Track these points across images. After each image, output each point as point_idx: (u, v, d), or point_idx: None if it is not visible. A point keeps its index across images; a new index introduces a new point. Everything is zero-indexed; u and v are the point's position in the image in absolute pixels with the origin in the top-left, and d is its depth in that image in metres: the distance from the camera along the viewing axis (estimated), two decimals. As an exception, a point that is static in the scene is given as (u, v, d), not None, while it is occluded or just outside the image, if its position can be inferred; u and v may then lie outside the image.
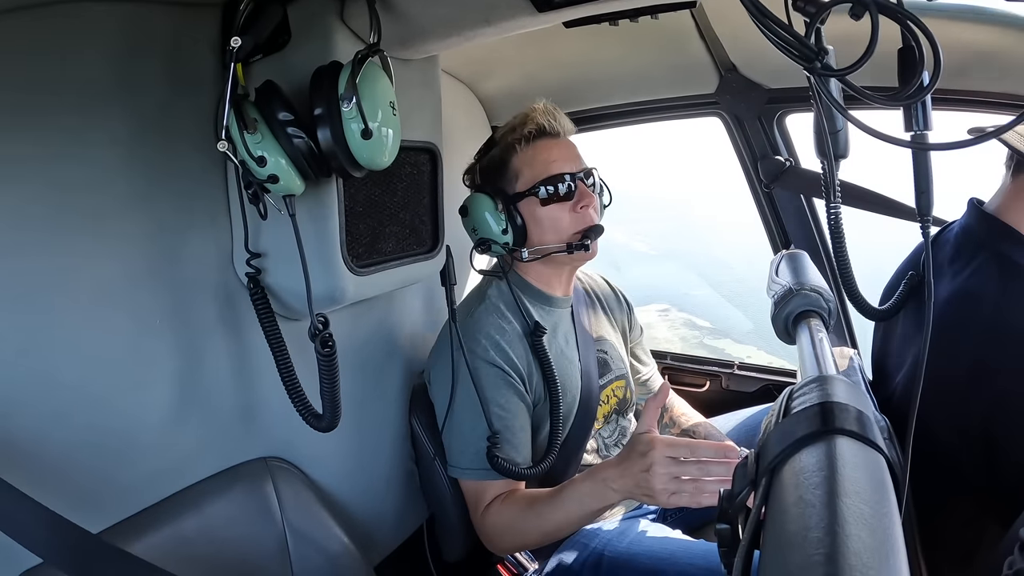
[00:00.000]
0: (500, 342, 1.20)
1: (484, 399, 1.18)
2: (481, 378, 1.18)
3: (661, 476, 0.95)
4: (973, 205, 1.15)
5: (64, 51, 0.75)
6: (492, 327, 1.22)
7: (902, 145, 0.69)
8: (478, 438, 1.17)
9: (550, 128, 1.23)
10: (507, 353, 1.20)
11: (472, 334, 1.21)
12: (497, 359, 1.19)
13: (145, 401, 0.87)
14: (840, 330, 1.73)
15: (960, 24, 1.11)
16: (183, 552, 0.87)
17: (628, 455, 1.01)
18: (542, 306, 1.30)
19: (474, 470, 1.19)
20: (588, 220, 1.24)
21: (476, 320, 1.23)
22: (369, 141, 0.81)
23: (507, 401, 1.19)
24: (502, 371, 1.19)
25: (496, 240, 1.23)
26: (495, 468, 1.14)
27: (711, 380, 1.94)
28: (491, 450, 1.15)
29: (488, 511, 1.19)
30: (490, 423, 1.17)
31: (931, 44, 0.61)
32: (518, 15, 0.86)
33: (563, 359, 1.28)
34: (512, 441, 1.19)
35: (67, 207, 0.77)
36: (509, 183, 1.24)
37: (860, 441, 0.49)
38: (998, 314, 0.96)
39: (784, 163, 1.61)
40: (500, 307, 1.25)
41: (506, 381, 1.19)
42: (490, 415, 1.17)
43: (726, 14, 1.30)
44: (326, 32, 0.89)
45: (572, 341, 1.32)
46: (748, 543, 0.49)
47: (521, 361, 1.21)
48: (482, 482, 1.19)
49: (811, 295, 0.93)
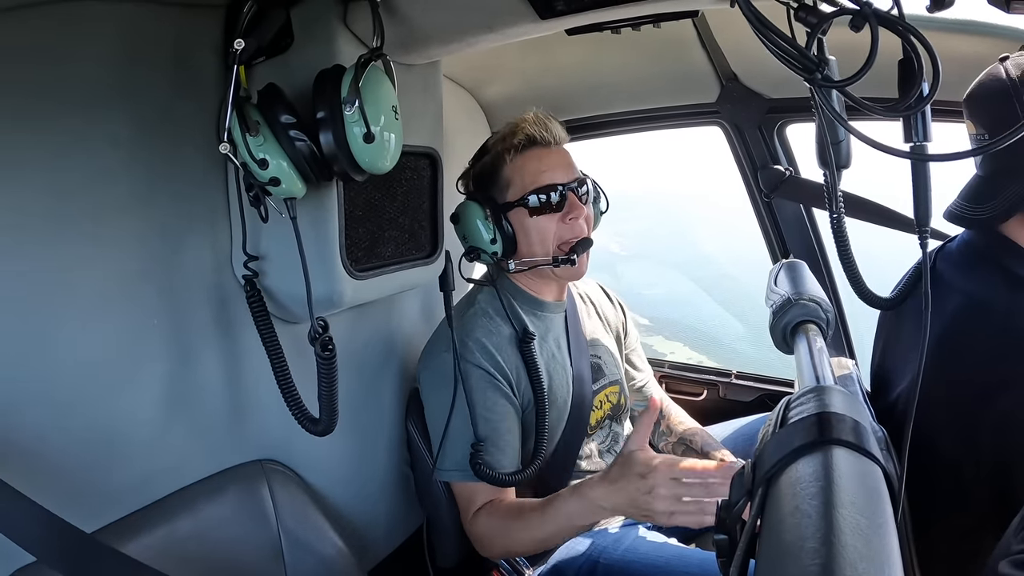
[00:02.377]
0: (488, 346, 1.20)
1: (471, 402, 1.17)
2: (469, 381, 1.18)
3: (664, 498, 0.93)
4: None
5: (66, 51, 0.75)
6: (480, 331, 1.22)
7: (901, 156, 0.69)
8: (465, 442, 1.17)
9: (540, 138, 1.22)
10: (495, 357, 1.20)
11: (461, 338, 1.21)
12: (484, 362, 1.19)
13: (141, 402, 0.87)
14: (838, 341, 1.73)
15: (959, 36, 1.12)
16: (177, 553, 0.87)
17: (623, 475, 0.98)
18: (533, 311, 1.30)
19: (459, 471, 1.18)
20: (577, 232, 1.23)
21: (465, 324, 1.23)
22: (371, 145, 0.81)
23: (494, 404, 1.19)
24: (488, 374, 1.19)
25: (484, 249, 1.22)
26: (477, 474, 1.14)
27: (708, 389, 1.94)
28: (474, 456, 1.15)
29: (477, 516, 1.19)
30: (476, 427, 1.17)
31: (930, 56, 0.61)
32: (520, 22, 0.87)
33: (554, 363, 1.28)
34: (499, 444, 1.18)
35: (67, 208, 0.77)
36: (500, 192, 1.24)
37: (857, 452, 0.49)
38: (1007, 326, 0.96)
39: (784, 173, 1.62)
40: (489, 312, 1.25)
41: (493, 384, 1.19)
42: (476, 419, 1.17)
43: (728, 24, 1.31)
44: (329, 35, 0.90)
45: (564, 346, 1.32)
46: (744, 553, 0.49)
47: (510, 365, 1.21)
48: (469, 484, 1.19)
49: (809, 305, 0.93)
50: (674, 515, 0.94)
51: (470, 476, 1.16)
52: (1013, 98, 0.91)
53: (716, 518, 0.53)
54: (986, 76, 0.96)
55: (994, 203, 0.97)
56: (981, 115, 0.97)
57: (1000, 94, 0.92)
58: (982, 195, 1.00)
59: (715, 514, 0.53)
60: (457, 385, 1.18)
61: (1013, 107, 0.91)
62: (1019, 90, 0.91)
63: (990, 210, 0.98)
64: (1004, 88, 0.92)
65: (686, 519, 0.94)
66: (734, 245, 9.42)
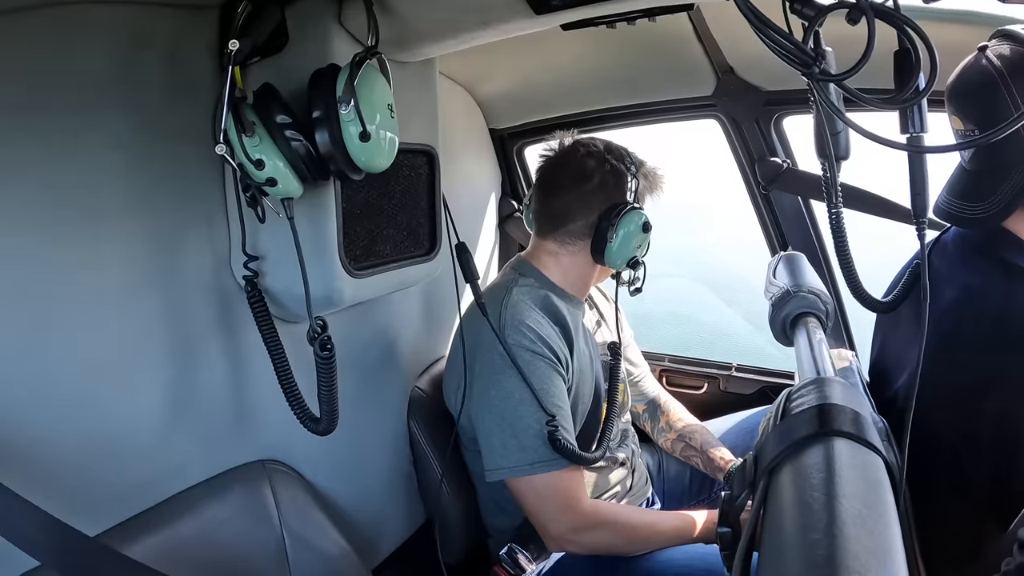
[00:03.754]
0: (541, 333, 1.17)
1: (538, 390, 1.13)
2: (530, 367, 1.14)
3: None
4: None
5: (62, 55, 0.75)
6: (530, 319, 1.18)
7: (898, 147, 0.69)
8: (541, 428, 1.13)
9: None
10: (548, 343, 1.17)
11: (515, 326, 1.17)
12: (543, 348, 1.16)
13: (142, 404, 0.87)
14: (838, 332, 1.73)
15: (955, 27, 1.11)
16: (180, 555, 0.87)
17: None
18: (564, 304, 1.27)
19: (544, 463, 1.13)
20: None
21: (512, 314, 1.19)
22: (367, 144, 0.81)
23: (560, 390, 1.17)
24: (547, 360, 1.16)
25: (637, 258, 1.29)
26: (556, 449, 1.10)
27: (709, 382, 1.94)
28: (552, 433, 1.11)
29: (596, 502, 1.21)
30: (545, 409, 1.13)
31: (927, 47, 0.61)
32: (515, 18, 0.86)
33: (584, 357, 1.27)
34: (566, 425, 1.16)
35: (65, 209, 0.77)
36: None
37: (858, 443, 0.49)
38: (1004, 317, 0.96)
39: (782, 165, 1.61)
40: (529, 303, 1.21)
41: (554, 369, 1.17)
42: (546, 404, 1.13)
43: (723, 16, 1.31)
44: (324, 34, 0.89)
45: (590, 341, 1.32)
46: (746, 544, 0.49)
47: (561, 353, 1.19)
48: (557, 473, 1.13)
49: (809, 297, 0.93)
50: None
51: (556, 464, 1.12)
52: (1002, 88, 0.90)
53: (720, 511, 0.53)
54: (969, 69, 0.95)
55: (992, 201, 0.96)
56: (969, 109, 0.95)
57: (987, 86, 0.91)
58: (975, 192, 0.98)
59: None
60: (514, 376, 1.14)
61: (1003, 98, 0.89)
62: (1007, 80, 0.90)
63: (988, 209, 0.96)
64: (991, 79, 0.91)
65: None
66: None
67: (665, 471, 1.56)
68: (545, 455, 1.11)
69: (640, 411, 1.57)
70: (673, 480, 1.55)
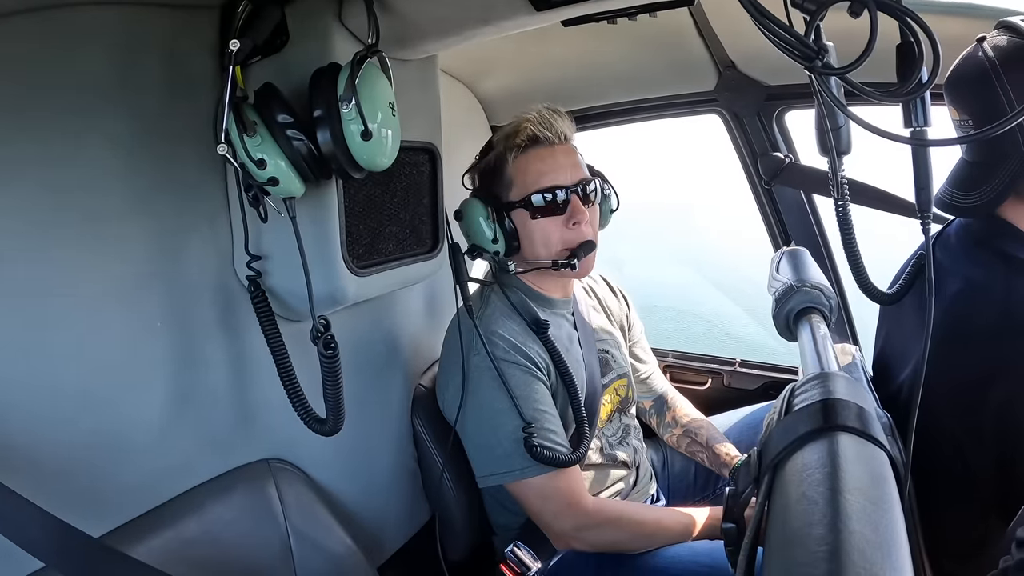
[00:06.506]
0: (514, 340, 1.18)
1: (517, 396, 1.14)
2: (505, 375, 1.15)
3: None
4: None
5: (62, 56, 0.75)
6: (503, 328, 1.20)
7: (902, 141, 0.69)
8: (520, 435, 1.13)
9: (543, 137, 1.19)
10: (522, 350, 1.18)
11: (487, 337, 1.18)
12: (516, 356, 1.17)
13: (146, 403, 0.87)
14: (841, 327, 1.73)
15: (958, 20, 1.11)
16: (185, 555, 0.87)
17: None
18: (542, 307, 1.28)
19: (532, 467, 1.13)
20: (579, 236, 1.21)
21: (485, 323, 1.20)
22: (369, 142, 0.81)
23: (537, 391, 1.17)
24: (523, 366, 1.17)
25: (486, 248, 1.21)
26: (534, 456, 1.10)
27: (712, 378, 1.94)
28: (528, 439, 1.11)
29: (599, 499, 1.22)
30: (523, 415, 1.13)
31: (930, 40, 0.61)
32: (516, 14, 0.86)
33: (569, 358, 1.26)
34: (553, 430, 1.16)
35: (66, 210, 0.77)
36: (503, 190, 1.22)
37: (862, 437, 0.49)
38: (1007, 309, 0.96)
39: (784, 160, 1.61)
40: (504, 309, 1.23)
41: (531, 374, 1.17)
42: (523, 408, 1.14)
43: (724, 11, 1.30)
44: (324, 33, 0.89)
45: (576, 341, 1.32)
46: (751, 540, 0.49)
47: (538, 356, 1.19)
48: (553, 474, 1.14)
49: (812, 292, 0.93)
50: None
51: (540, 467, 1.12)
52: (994, 80, 0.90)
53: (725, 507, 0.53)
54: (964, 60, 0.95)
55: (986, 188, 0.97)
56: (964, 101, 0.95)
57: (981, 78, 0.91)
58: (972, 181, 0.99)
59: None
60: (494, 385, 1.15)
61: (995, 89, 0.90)
62: (999, 72, 0.90)
63: (983, 196, 0.97)
64: (984, 71, 0.91)
65: None
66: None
67: (670, 467, 1.56)
68: (531, 460, 1.12)
69: (647, 407, 1.57)
70: (678, 476, 1.55)
